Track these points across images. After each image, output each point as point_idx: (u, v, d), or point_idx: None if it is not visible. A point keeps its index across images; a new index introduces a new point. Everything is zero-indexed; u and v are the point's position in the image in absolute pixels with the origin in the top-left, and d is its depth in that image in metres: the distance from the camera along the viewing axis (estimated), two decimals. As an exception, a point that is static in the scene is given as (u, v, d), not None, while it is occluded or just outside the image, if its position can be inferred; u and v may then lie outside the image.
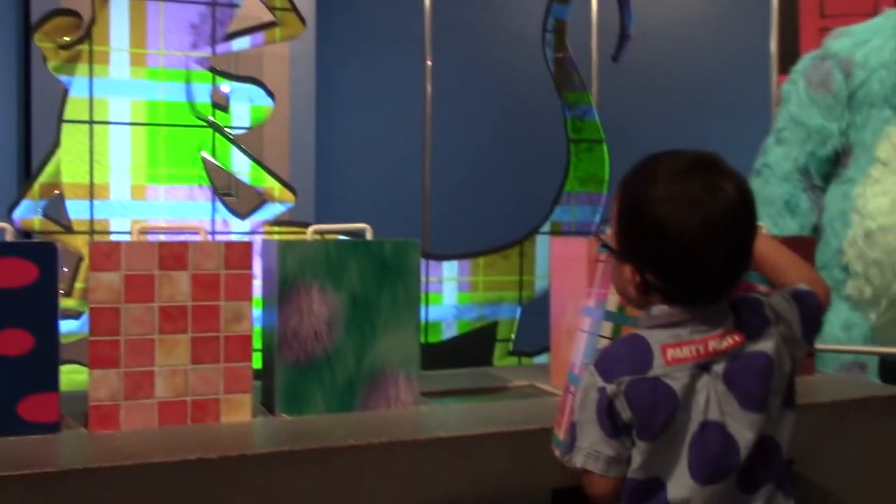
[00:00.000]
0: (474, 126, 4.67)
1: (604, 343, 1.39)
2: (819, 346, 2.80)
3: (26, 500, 1.39)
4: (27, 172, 4.05)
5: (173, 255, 1.70)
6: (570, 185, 2.85)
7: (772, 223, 3.86)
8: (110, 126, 2.45)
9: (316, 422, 1.72)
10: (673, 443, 1.19)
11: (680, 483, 1.19)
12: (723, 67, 4.96)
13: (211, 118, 2.56)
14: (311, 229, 1.89)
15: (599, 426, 1.20)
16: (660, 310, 1.22)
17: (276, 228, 2.58)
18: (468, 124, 4.58)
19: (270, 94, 2.56)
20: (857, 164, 3.85)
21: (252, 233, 2.59)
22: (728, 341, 1.20)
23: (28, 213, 2.30)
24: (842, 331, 3.73)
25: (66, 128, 2.38)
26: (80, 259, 2.51)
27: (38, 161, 2.48)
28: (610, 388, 1.19)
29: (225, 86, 2.53)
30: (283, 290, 1.76)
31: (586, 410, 1.22)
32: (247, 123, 2.53)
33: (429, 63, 3.79)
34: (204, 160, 2.56)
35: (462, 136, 4.36)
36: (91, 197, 2.37)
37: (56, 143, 2.35)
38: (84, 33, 2.42)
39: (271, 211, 2.68)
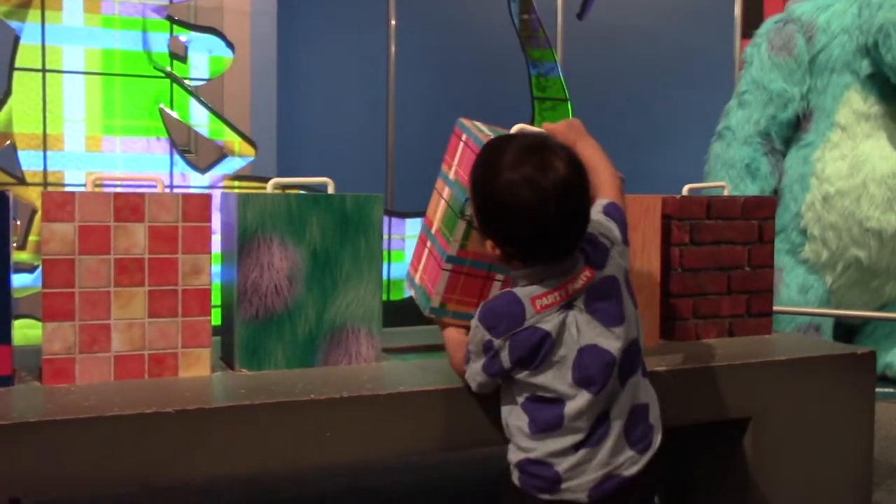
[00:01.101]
0: (438, 83, 4.64)
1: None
2: (776, 308, 2.84)
3: (-22, 454, 1.36)
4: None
5: (129, 206, 1.66)
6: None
7: (732, 186, 3.89)
8: (64, 75, 2.39)
9: (276, 377, 1.71)
10: (559, 368, 1.43)
11: (574, 397, 1.42)
12: (687, 29, 4.96)
13: (169, 69, 2.51)
14: (271, 182, 1.85)
15: (482, 364, 1.49)
16: (523, 273, 1.45)
17: (237, 183, 2.54)
18: (432, 80, 4.55)
19: (230, 45, 2.51)
20: (816, 128, 3.88)
21: (211, 187, 2.55)
22: (582, 279, 1.43)
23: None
24: (798, 293, 3.79)
25: (17, 76, 2.32)
26: (34, 212, 2.46)
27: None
28: (497, 342, 1.45)
29: (183, 36, 2.48)
30: (243, 244, 1.74)
31: (475, 346, 1.49)
32: (206, 75, 2.48)
33: (393, 23, 3.73)
34: (162, 112, 2.51)
35: (426, 92, 4.33)
36: (45, 148, 2.32)
37: (7, 92, 2.29)
38: (35, -22, 2.35)
39: (231, 165, 2.65)
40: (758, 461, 1.95)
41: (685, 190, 2.24)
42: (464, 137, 1.76)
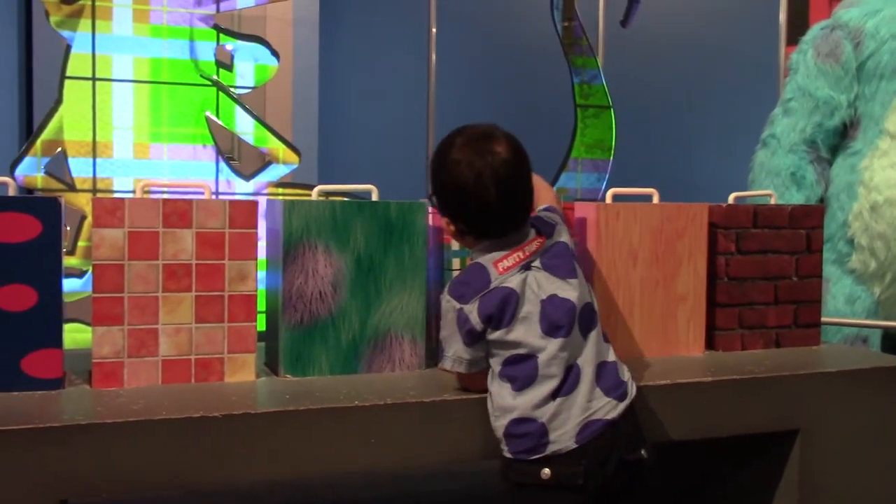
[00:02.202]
0: (480, 90, 4.64)
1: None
2: (824, 319, 2.80)
3: (31, 455, 1.38)
4: (28, 129, 4.01)
5: (177, 212, 1.69)
6: (577, 151, 2.82)
7: (777, 195, 3.83)
8: (113, 83, 2.42)
9: (320, 383, 1.72)
10: (527, 323, 1.54)
11: (545, 347, 1.53)
12: (732, 36, 4.91)
13: (215, 77, 2.54)
14: (316, 189, 1.86)
15: (460, 338, 1.57)
16: (478, 248, 1.60)
17: (280, 190, 2.55)
18: (473, 88, 4.55)
19: (275, 53, 2.53)
20: (864, 136, 3.81)
21: (256, 194, 2.57)
22: (536, 244, 1.60)
23: (30, 170, 2.29)
24: (845, 304, 3.71)
25: (68, 84, 2.36)
26: (83, 217, 2.50)
27: (40, 118, 2.47)
28: (466, 307, 1.55)
29: (229, 44, 2.50)
30: (288, 251, 1.75)
31: (448, 327, 1.59)
32: (251, 83, 2.50)
33: (434, 30, 3.74)
34: (208, 120, 2.53)
35: (467, 100, 4.33)
36: (94, 155, 2.35)
37: (58, 100, 2.34)
38: (86, -12, 2.39)
39: (275, 172, 2.66)
40: (806, 474, 1.91)
41: (731, 198, 2.21)
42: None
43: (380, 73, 4.76)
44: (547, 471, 1.49)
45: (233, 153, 3.00)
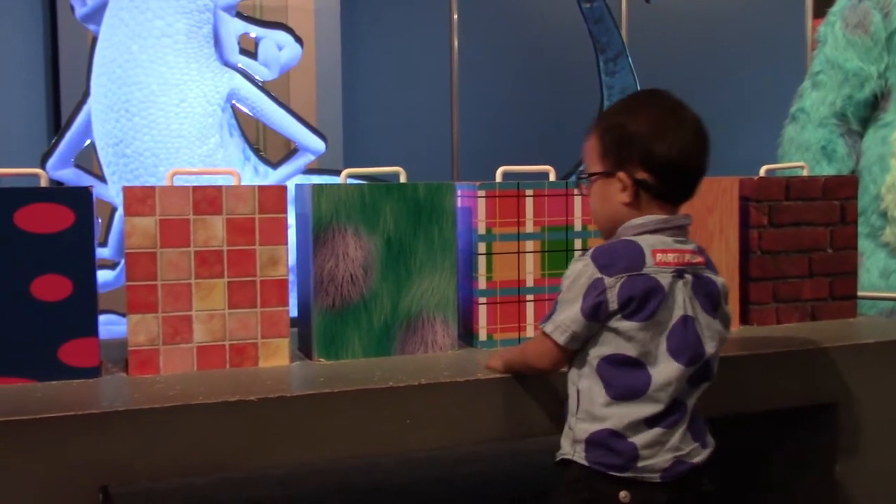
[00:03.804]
0: (503, 75, 4.62)
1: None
2: (859, 293, 2.76)
3: (71, 442, 1.40)
4: (56, 122, 4.06)
5: (207, 199, 1.69)
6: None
7: (808, 169, 3.78)
8: (140, 74, 2.44)
9: (353, 365, 1.72)
10: (657, 329, 1.39)
11: (663, 367, 1.39)
12: (758, 10, 4.84)
13: (240, 65, 2.54)
14: (344, 173, 1.86)
15: (581, 305, 1.39)
16: (645, 218, 1.42)
17: (306, 177, 2.56)
18: (496, 73, 4.53)
19: (299, 40, 2.53)
20: (895, 107, 3.75)
21: (284, 180, 2.58)
22: (697, 259, 1.44)
23: (60, 163, 2.31)
24: (880, 278, 3.67)
25: (95, 76, 2.37)
26: (114, 210, 2.52)
27: (67, 111, 2.49)
28: (608, 280, 1.38)
29: (253, 32, 2.50)
30: (318, 235, 1.75)
31: (572, 292, 1.41)
32: (276, 70, 2.51)
33: (455, 16, 3.72)
34: (234, 108, 2.54)
35: (490, 85, 4.31)
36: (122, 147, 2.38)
37: (86, 93, 2.35)
38: (111, -19, 2.40)
39: (302, 159, 2.67)
40: (843, 448, 1.89)
41: (762, 171, 2.19)
42: (474, 192, 1.86)
43: (402, 59, 4.75)
44: (626, 494, 1.38)
45: (259, 141, 3.00)
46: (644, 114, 1.43)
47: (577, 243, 1.93)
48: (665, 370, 1.39)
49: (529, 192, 1.89)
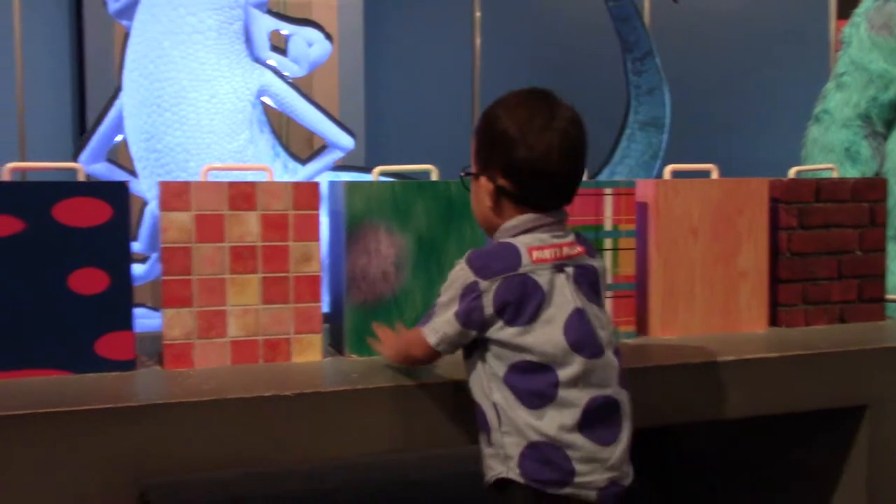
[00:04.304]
0: (526, 73, 4.61)
1: None
2: (888, 296, 2.75)
3: (107, 434, 1.41)
4: (81, 118, 4.09)
5: (242, 194, 1.71)
6: (631, 129, 2.80)
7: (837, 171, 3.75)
8: (170, 70, 2.45)
9: (385, 362, 1.73)
10: (550, 328, 1.36)
11: (569, 364, 1.35)
12: (782, 10, 4.82)
13: (270, 61, 2.55)
14: (376, 170, 1.87)
15: (456, 311, 1.37)
16: (516, 220, 1.40)
17: (332, 174, 2.57)
18: (519, 71, 4.53)
19: (329, 36, 2.54)
20: (921, 109, 3.72)
21: (312, 177, 2.59)
22: (576, 249, 1.41)
23: (93, 157, 2.33)
24: (904, 280, 3.65)
25: (127, 72, 2.39)
26: (144, 204, 2.54)
27: (93, 107, 2.51)
28: (483, 283, 1.36)
29: (284, 29, 2.52)
30: (351, 232, 1.76)
31: (448, 294, 1.39)
32: (306, 67, 2.52)
33: (478, 14, 3.72)
34: (263, 104, 2.55)
35: (513, 83, 4.31)
36: (152, 142, 2.39)
37: (118, 88, 2.37)
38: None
39: (330, 156, 2.69)
40: (875, 450, 1.89)
41: (792, 172, 2.19)
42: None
43: (424, 56, 4.76)
44: None
45: (282, 139, 3.02)
46: (512, 116, 1.39)
47: (608, 243, 1.93)
48: (571, 367, 1.35)
49: (560, 191, 1.89)
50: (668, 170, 2.04)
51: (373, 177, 1.87)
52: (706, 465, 2.34)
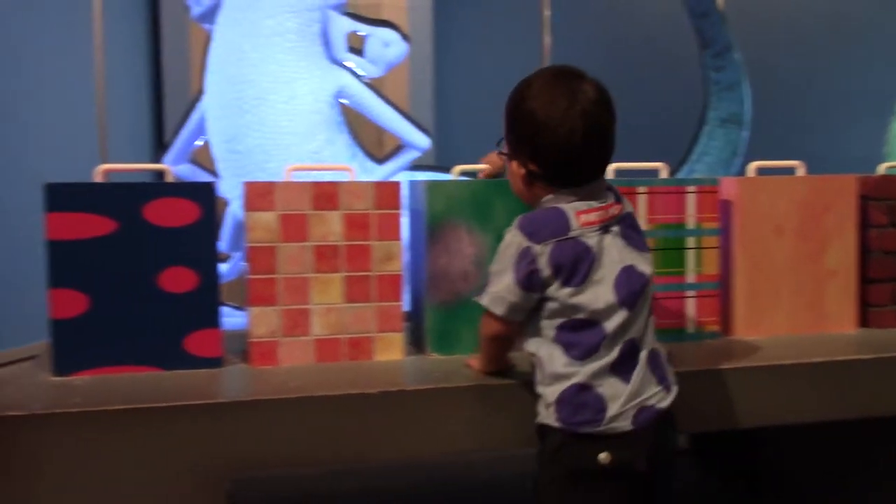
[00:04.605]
0: (598, 68, 4.55)
1: None
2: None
3: (197, 430, 1.44)
4: (158, 121, 4.19)
5: (325, 194, 1.72)
6: (710, 126, 2.75)
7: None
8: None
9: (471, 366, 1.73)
10: (599, 286, 1.41)
11: (612, 316, 1.40)
12: (861, 6, 4.69)
13: (347, 63, 2.57)
14: (456, 169, 1.87)
15: (514, 277, 1.41)
16: (555, 196, 1.43)
17: (408, 174, 2.58)
18: (590, 67, 4.47)
19: (405, 37, 2.54)
20: None
21: (389, 176, 2.61)
22: (615, 210, 1.45)
23: (177, 158, 2.38)
24: None
25: (209, 75, 2.43)
26: (226, 204, 2.59)
27: (171, 108, 2.57)
28: (536, 248, 1.40)
29: (361, 30, 2.53)
30: (432, 231, 1.77)
31: (503, 262, 1.43)
32: (382, 67, 2.53)
33: (546, 13, 3.69)
34: (341, 105, 2.57)
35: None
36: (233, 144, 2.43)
37: (200, 91, 2.42)
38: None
39: (407, 155, 2.70)
40: (973, 456, 1.82)
41: (882, 168, 2.12)
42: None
43: (493, 55, 4.75)
44: (605, 455, 1.37)
45: (364, 136, 3.04)
46: (535, 101, 1.41)
47: (691, 241, 1.90)
48: (615, 319, 1.40)
49: (643, 189, 1.87)
50: (753, 167, 2.00)
51: (453, 175, 1.87)
52: (795, 469, 2.28)
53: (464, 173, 1.90)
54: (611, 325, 1.40)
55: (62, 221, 1.61)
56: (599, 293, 1.40)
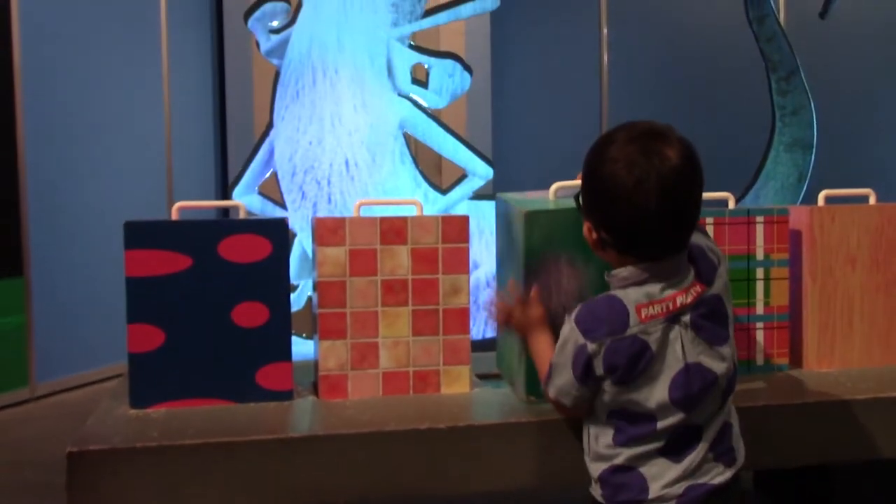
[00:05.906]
0: (658, 89, 4.53)
1: None
2: None
3: (270, 462, 1.47)
4: (223, 154, 4.29)
5: (394, 229, 1.75)
6: (776, 150, 2.72)
7: None
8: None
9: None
10: (655, 387, 1.34)
11: (669, 416, 1.34)
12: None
13: (412, 95, 2.60)
14: (554, 187, 1.75)
15: (573, 373, 1.39)
16: (627, 270, 1.36)
17: (473, 202, 2.60)
18: (650, 88, 4.46)
19: (468, 68, 2.57)
20: None
21: (453, 205, 2.64)
22: (692, 294, 1.35)
23: (246, 191, 2.44)
24: None
25: (277, 108, 2.49)
26: (294, 236, 2.63)
27: (234, 142, 2.63)
28: (591, 346, 1.35)
29: (426, 62, 2.57)
30: (529, 266, 1.63)
31: (563, 356, 1.40)
32: (446, 98, 2.56)
33: (605, 31, 3.69)
34: (405, 136, 2.61)
35: (642, 102, 4.26)
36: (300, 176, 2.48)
37: (269, 124, 2.47)
38: (291, 18, 2.53)
39: (470, 185, 2.71)
40: None
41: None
42: None
43: (551, 78, 4.76)
44: None
45: (426, 165, 3.07)
46: (612, 165, 1.31)
47: (760, 272, 1.88)
48: (670, 419, 1.35)
49: (710, 219, 1.86)
50: (822, 195, 1.97)
51: (550, 195, 1.75)
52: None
53: (561, 189, 1.74)
54: (664, 423, 1.35)
55: (140, 258, 1.66)
56: (653, 392, 1.35)
